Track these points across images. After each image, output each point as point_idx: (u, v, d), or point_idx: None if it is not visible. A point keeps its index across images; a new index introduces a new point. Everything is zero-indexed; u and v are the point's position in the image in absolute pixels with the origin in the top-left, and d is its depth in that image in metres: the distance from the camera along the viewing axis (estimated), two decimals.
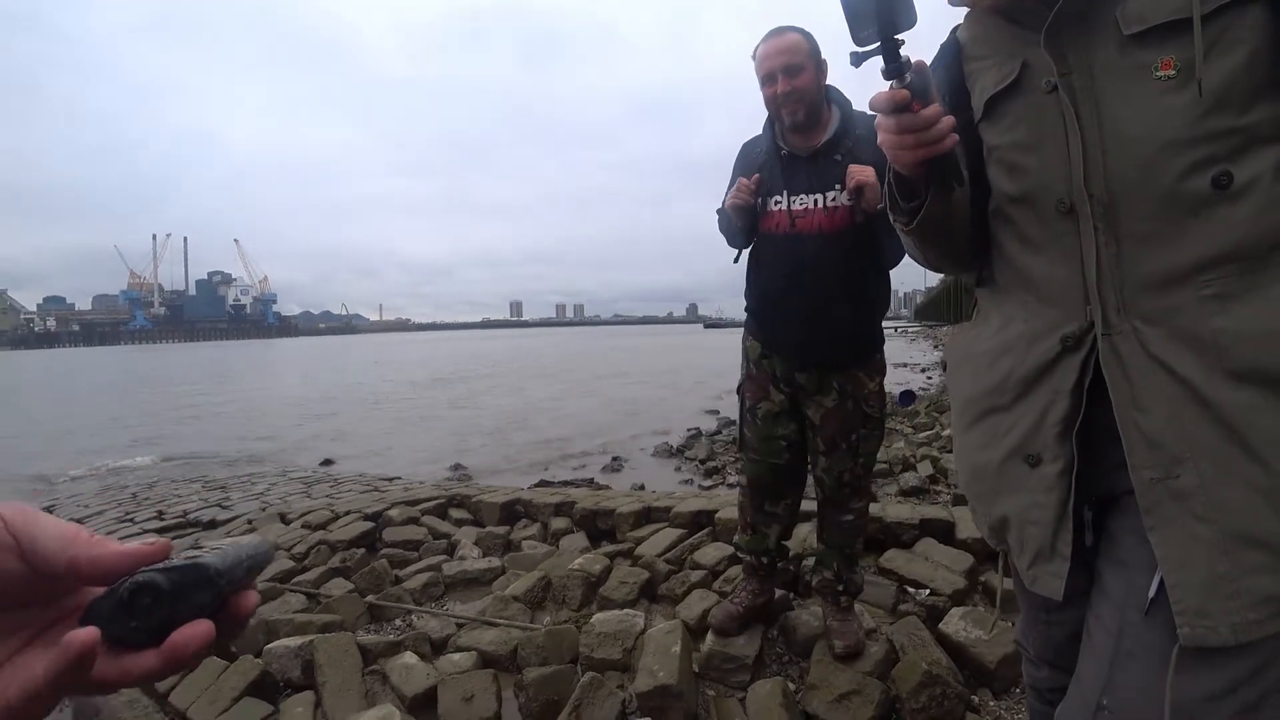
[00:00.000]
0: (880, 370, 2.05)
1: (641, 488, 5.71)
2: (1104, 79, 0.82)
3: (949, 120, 0.83)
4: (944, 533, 2.76)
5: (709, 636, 2.20)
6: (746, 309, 2.14)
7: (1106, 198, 0.82)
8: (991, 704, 1.95)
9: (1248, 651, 0.74)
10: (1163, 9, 0.77)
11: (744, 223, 1.95)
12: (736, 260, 2.09)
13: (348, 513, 3.99)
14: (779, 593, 2.40)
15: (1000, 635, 2.09)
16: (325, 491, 5.14)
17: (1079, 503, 0.88)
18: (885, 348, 2.07)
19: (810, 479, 2.17)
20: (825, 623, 2.15)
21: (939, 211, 0.93)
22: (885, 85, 0.81)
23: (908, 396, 9.92)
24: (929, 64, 0.86)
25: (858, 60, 0.80)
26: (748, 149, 2.07)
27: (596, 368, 25.28)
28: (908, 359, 26.22)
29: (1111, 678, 0.83)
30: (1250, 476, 0.74)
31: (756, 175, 1.93)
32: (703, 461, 7.21)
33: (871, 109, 0.85)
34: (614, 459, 7.81)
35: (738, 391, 2.20)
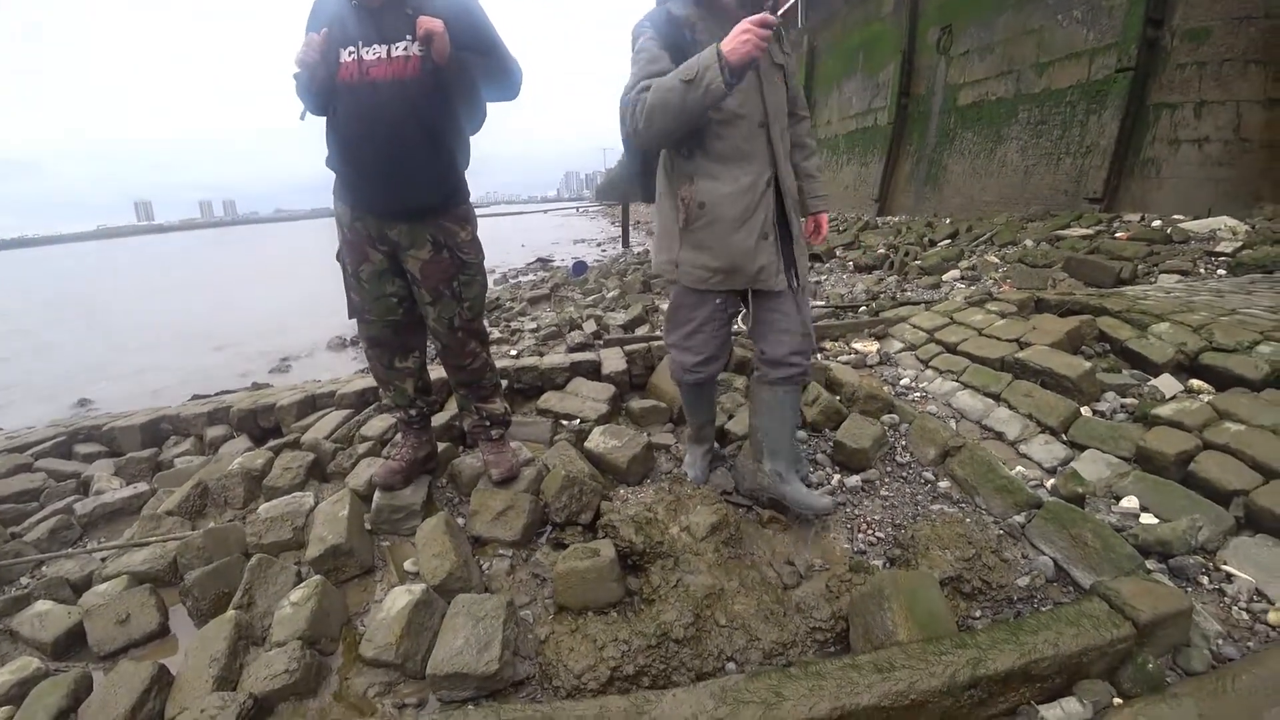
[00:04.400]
0: (469, 220, 2.18)
1: (316, 381, 5.38)
2: (765, 75, 1.88)
3: None
4: (592, 371, 3.15)
5: (376, 494, 2.28)
6: (331, 169, 2.08)
7: (772, 122, 1.89)
8: (624, 491, 2.37)
9: None
10: (776, 54, 1.94)
11: (314, 82, 1.87)
12: (302, 118, 1.96)
13: None
14: (442, 446, 2.55)
15: (633, 439, 2.51)
16: None
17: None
18: (570, 224, 2.25)
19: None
20: (483, 459, 2.37)
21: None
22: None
23: (580, 266, 10.63)
24: (647, 22, 1.86)
25: None
26: (319, 4, 1.94)
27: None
28: (586, 235, 27.52)
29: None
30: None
31: (325, 30, 1.85)
32: None
33: (758, 25, 1.57)
34: (282, 360, 7.18)
35: (337, 259, 2.17)
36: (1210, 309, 3.33)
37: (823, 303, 5.00)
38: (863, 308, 4.62)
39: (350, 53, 1.90)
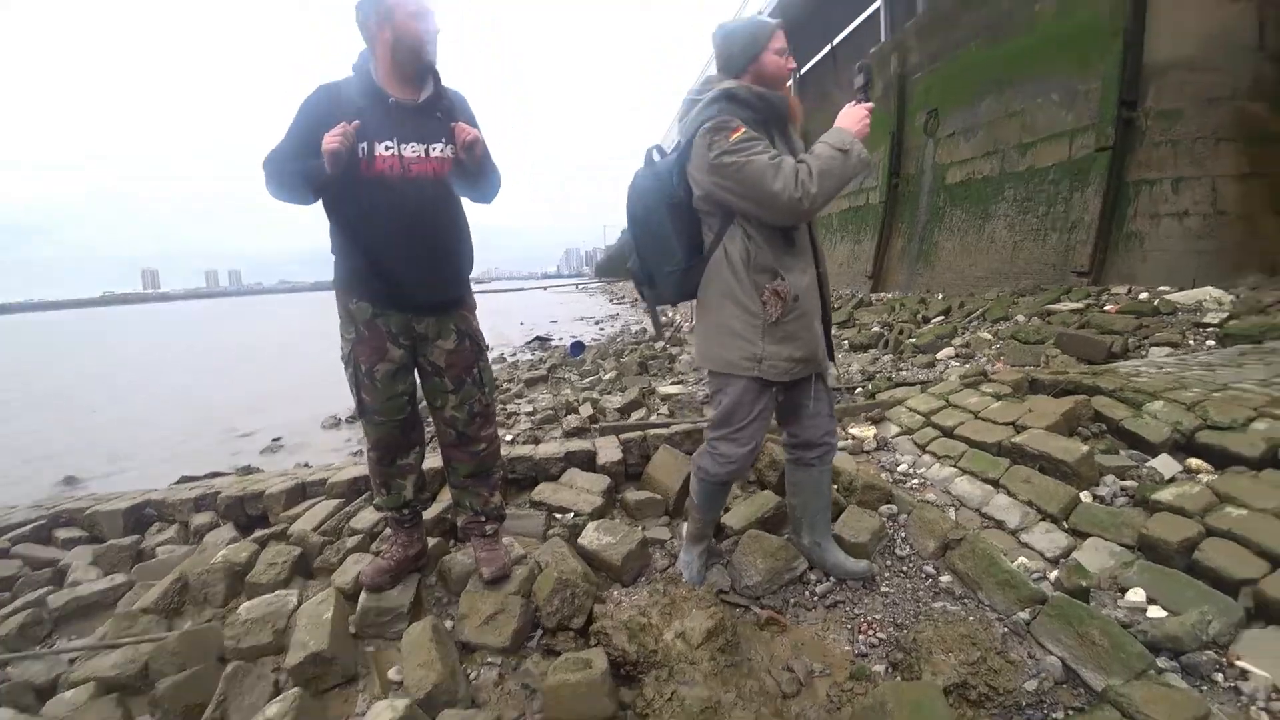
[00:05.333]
0: (475, 305, 2.28)
1: (307, 466, 5.33)
2: None
3: None
4: (587, 461, 3.11)
5: (362, 595, 2.21)
6: (345, 269, 2.07)
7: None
8: (618, 593, 2.31)
9: None
10: None
11: (336, 169, 1.87)
12: (314, 199, 1.97)
13: None
14: (433, 541, 2.50)
15: (627, 535, 2.46)
16: None
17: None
18: (571, 301, 2.33)
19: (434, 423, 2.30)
20: (475, 556, 2.31)
21: None
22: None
23: (578, 347, 10.71)
24: (727, 112, 1.93)
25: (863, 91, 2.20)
26: (329, 94, 1.97)
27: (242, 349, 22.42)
28: (586, 313, 27.81)
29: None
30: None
31: (356, 121, 1.88)
32: None
33: (868, 110, 2.09)
34: (274, 440, 7.13)
35: (344, 360, 2.14)
36: (1203, 385, 3.32)
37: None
38: (859, 389, 4.62)
39: (388, 147, 1.95)
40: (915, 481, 3.00)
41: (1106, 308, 6.35)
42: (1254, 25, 7.33)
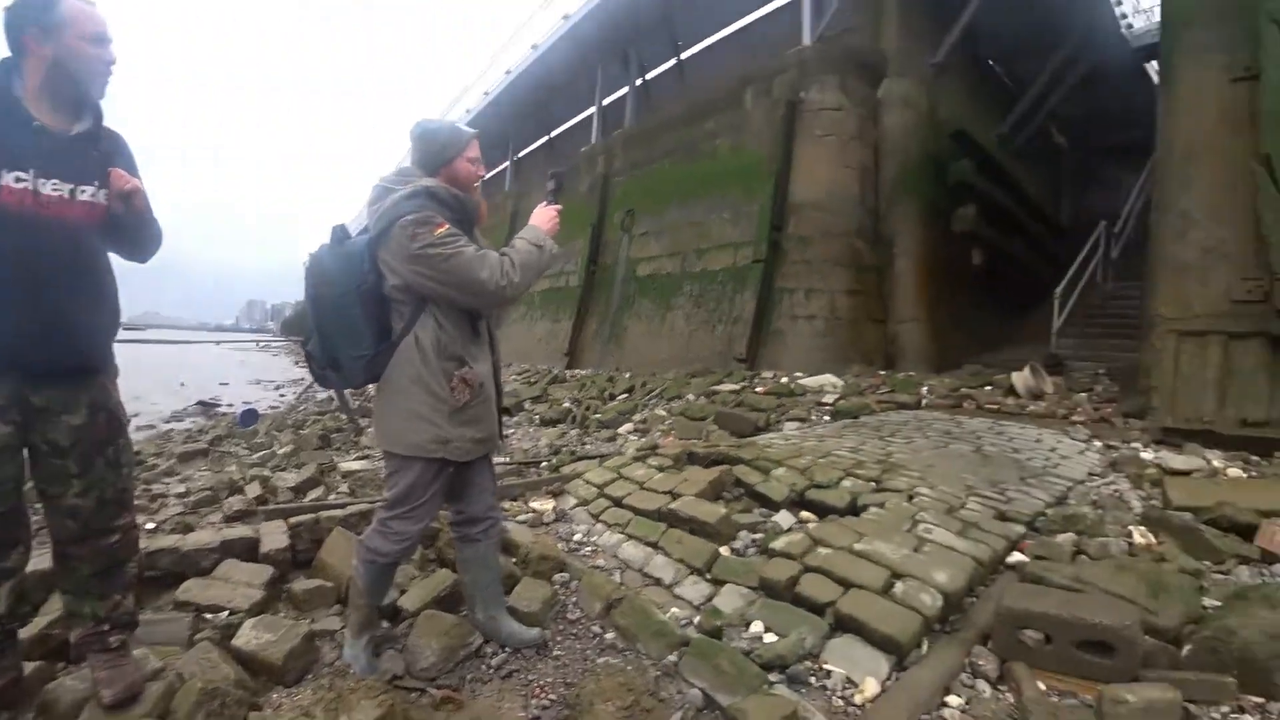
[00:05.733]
0: (117, 375, 1.98)
1: None
2: None
3: None
4: (248, 550, 2.81)
5: None
6: None
7: None
8: (278, 695, 2.11)
9: None
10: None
11: None
12: None
13: None
14: (33, 665, 2.04)
15: (290, 631, 2.27)
16: None
17: None
18: (248, 361, 2.04)
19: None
20: (94, 677, 1.93)
21: None
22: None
23: (249, 416, 9.47)
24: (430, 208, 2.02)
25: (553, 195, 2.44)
26: None
27: None
28: (263, 375, 24.73)
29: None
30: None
31: None
32: None
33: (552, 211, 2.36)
34: None
35: None
36: (814, 452, 4.17)
37: (507, 459, 5.16)
38: (544, 463, 4.87)
39: (19, 179, 1.63)
40: (589, 549, 3.25)
41: (758, 389, 7.58)
42: (857, 185, 9.69)
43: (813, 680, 2.15)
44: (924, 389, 7.38)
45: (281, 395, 17.08)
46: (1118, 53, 12.17)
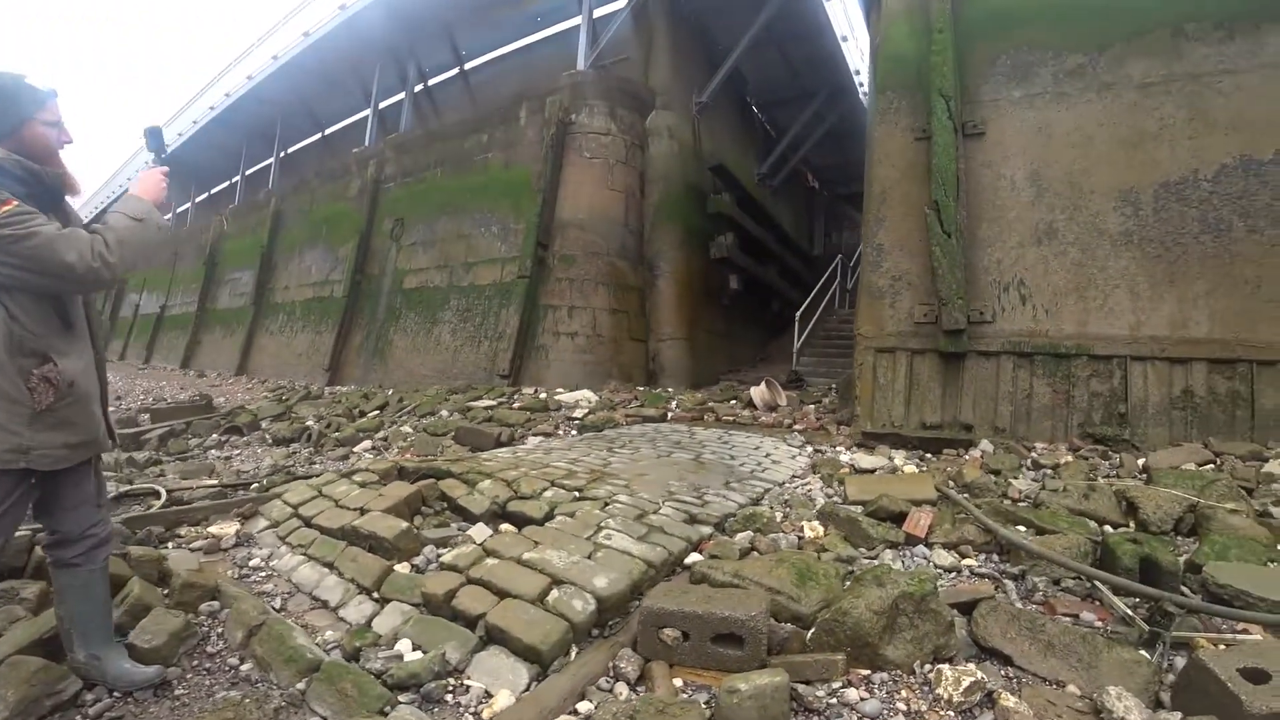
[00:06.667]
0: None
1: None
2: None
3: None
4: None
5: None
6: None
7: None
8: None
9: None
10: None
11: None
12: None
13: None
14: None
15: None
16: None
17: None
18: None
19: None
20: None
21: None
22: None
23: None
24: None
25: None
26: None
27: None
28: None
29: None
30: None
31: None
32: None
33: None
34: None
35: None
36: (532, 465, 4.21)
37: (214, 481, 4.65)
38: (255, 485, 4.45)
39: None
40: (263, 574, 2.99)
41: (514, 404, 7.57)
42: (622, 208, 10.11)
43: (449, 697, 2.11)
44: (673, 403, 7.83)
45: None
46: (856, 112, 13.96)
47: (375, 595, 2.69)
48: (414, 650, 2.30)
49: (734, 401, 8.24)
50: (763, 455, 5.29)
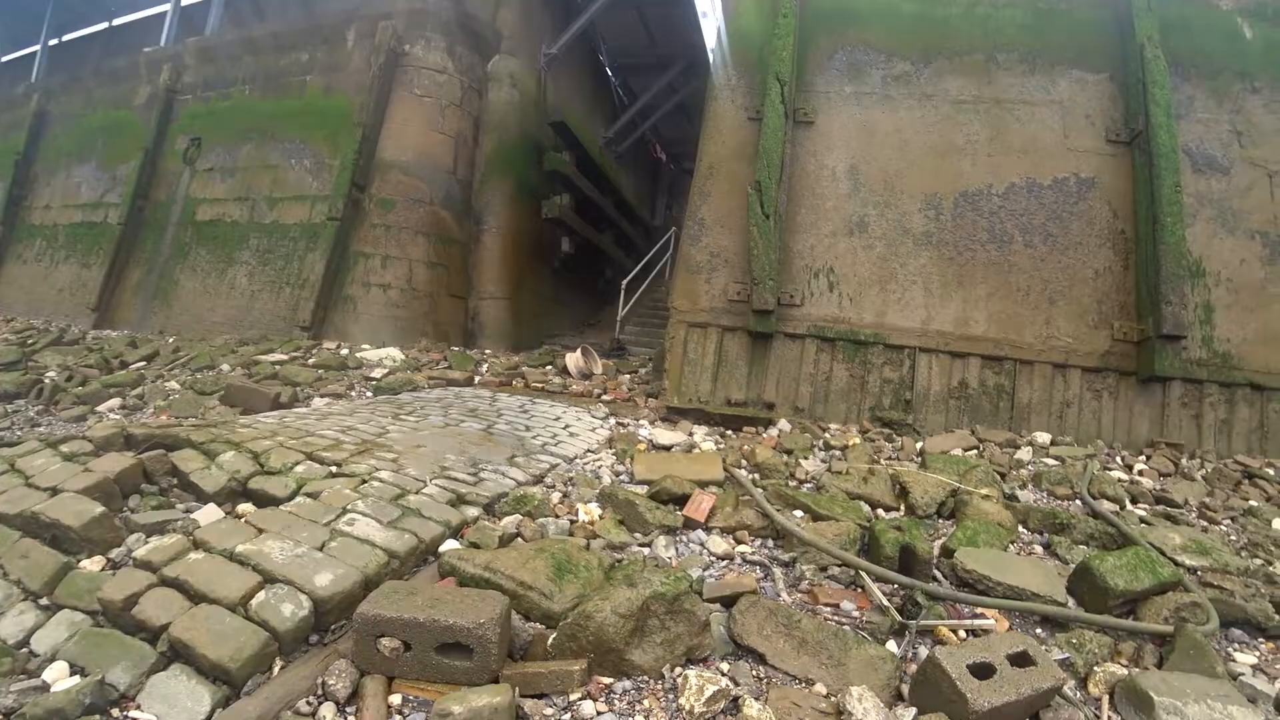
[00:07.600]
0: None
1: None
2: None
3: None
4: None
5: None
6: None
7: None
8: None
9: None
10: None
11: None
12: None
13: None
14: None
15: None
16: None
17: None
18: None
19: None
20: None
21: None
22: None
23: None
24: None
25: None
26: None
27: None
28: None
29: None
30: None
31: None
32: None
33: None
34: None
35: None
36: (294, 433, 3.80)
37: None
38: None
39: None
40: None
41: (310, 361, 6.93)
42: (451, 154, 9.46)
43: None
44: (483, 366, 7.55)
45: None
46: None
47: (44, 602, 2.25)
48: (71, 675, 1.94)
49: (549, 368, 8.10)
50: (561, 427, 5.19)
